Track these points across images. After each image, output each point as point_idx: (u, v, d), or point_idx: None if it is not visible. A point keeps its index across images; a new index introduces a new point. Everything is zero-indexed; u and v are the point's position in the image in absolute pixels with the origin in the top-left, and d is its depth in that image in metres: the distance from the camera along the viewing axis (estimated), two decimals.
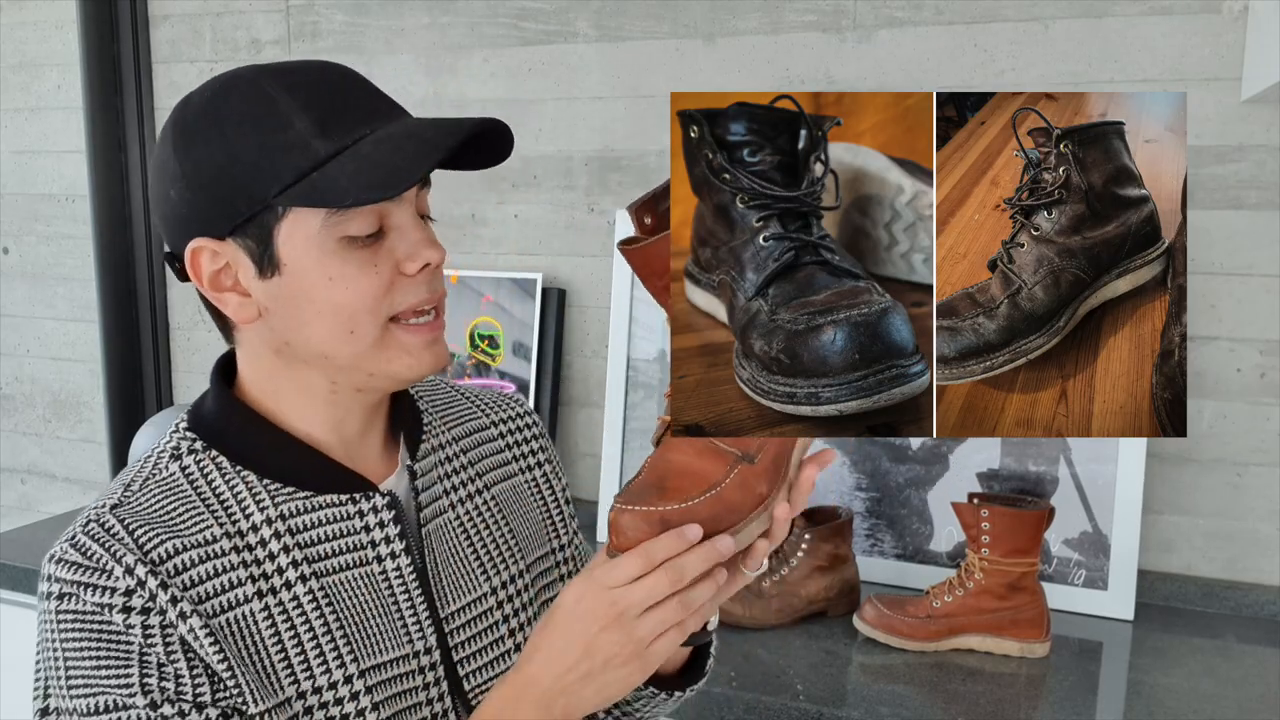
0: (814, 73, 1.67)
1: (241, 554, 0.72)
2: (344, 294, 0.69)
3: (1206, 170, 1.49)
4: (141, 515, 0.71)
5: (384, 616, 0.76)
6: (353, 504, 0.76)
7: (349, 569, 0.75)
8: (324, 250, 0.68)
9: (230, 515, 0.73)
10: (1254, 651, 1.39)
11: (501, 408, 0.93)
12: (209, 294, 0.72)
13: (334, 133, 0.67)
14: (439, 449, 0.85)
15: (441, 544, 0.81)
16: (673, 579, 0.65)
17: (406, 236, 0.70)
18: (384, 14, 1.93)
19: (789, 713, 1.22)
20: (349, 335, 0.70)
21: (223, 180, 0.68)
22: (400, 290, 0.71)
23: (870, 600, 1.42)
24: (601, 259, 1.83)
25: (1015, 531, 1.36)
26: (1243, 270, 1.49)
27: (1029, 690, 1.27)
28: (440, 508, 0.82)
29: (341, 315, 0.69)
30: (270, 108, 0.67)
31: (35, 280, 2.33)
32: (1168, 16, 1.48)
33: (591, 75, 1.80)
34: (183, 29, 2.11)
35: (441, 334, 0.74)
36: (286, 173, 0.66)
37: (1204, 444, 1.53)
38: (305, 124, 0.67)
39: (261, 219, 0.68)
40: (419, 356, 0.72)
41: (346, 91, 0.70)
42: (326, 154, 0.66)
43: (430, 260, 0.70)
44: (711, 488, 0.68)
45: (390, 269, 0.70)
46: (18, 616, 1.73)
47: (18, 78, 2.27)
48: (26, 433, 2.41)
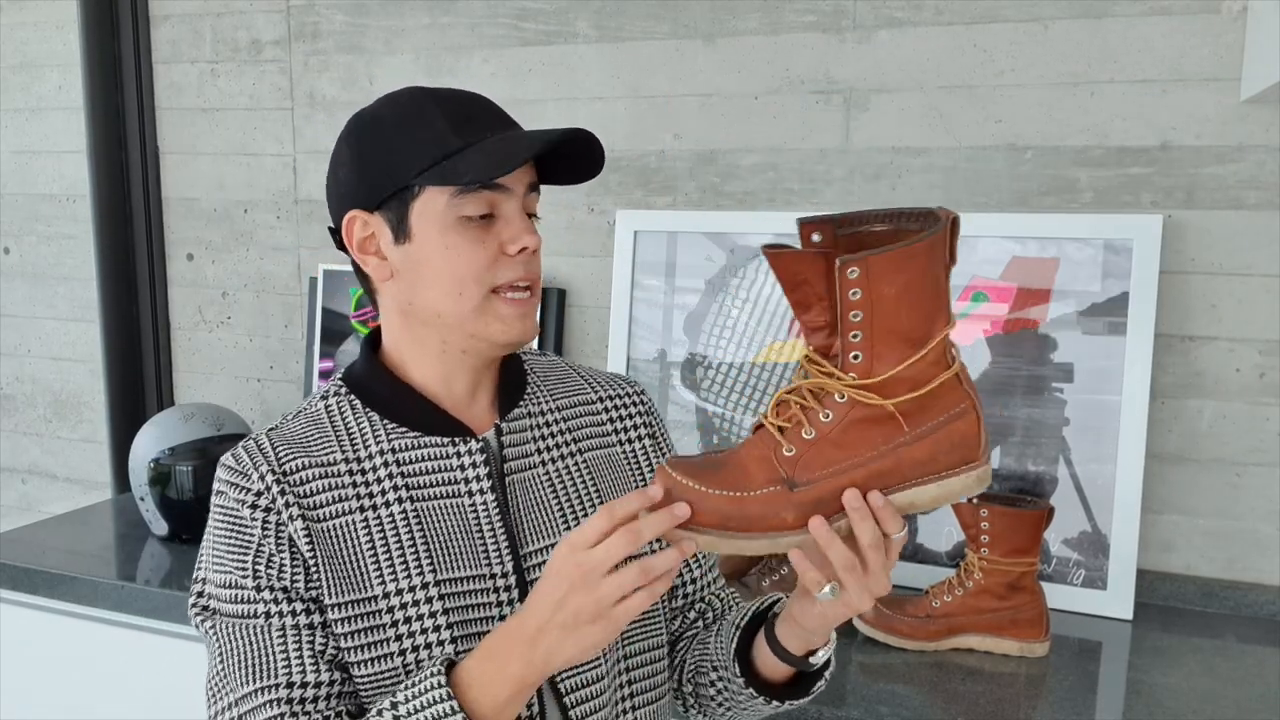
0: (814, 73, 1.67)
1: (354, 476, 0.88)
2: (456, 261, 0.85)
3: (1206, 170, 1.49)
4: (286, 437, 0.90)
5: (466, 539, 0.89)
6: (452, 446, 0.91)
7: (441, 498, 0.89)
8: (445, 225, 0.84)
9: (354, 444, 0.90)
10: (1253, 651, 1.39)
11: (612, 386, 1.05)
12: (356, 255, 0.89)
13: (465, 133, 0.84)
14: (536, 414, 0.97)
15: (526, 491, 0.93)
16: (629, 540, 0.72)
17: (511, 224, 0.86)
18: (384, 14, 1.94)
19: (789, 712, 1.22)
20: (458, 296, 0.86)
21: (378, 164, 0.85)
22: (502, 266, 0.86)
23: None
24: (601, 259, 1.84)
25: (1015, 531, 1.36)
26: (1243, 270, 1.49)
27: (1028, 690, 1.27)
28: (529, 463, 0.94)
29: (453, 279, 0.85)
30: (420, 113, 0.85)
31: (36, 280, 2.34)
32: (1167, 16, 1.48)
33: (591, 75, 1.80)
34: (183, 29, 2.11)
35: (534, 309, 0.89)
36: (425, 159, 0.84)
37: (1203, 444, 1.53)
38: (444, 125, 0.84)
39: (401, 195, 0.85)
40: (511, 324, 0.87)
41: (481, 107, 0.87)
42: (457, 147, 0.84)
43: (528, 245, 0.86)
44: (740, 490, 0.71)
45: (495, 248, 0.86)
46: (18, 616, 1.73)
47: (18, 78, 2.27)
48: (27, 432, 2.41)
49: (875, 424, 0.73)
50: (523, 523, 0.92)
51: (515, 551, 0.90)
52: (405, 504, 0.88)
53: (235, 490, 0.86)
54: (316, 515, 0.86)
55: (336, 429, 0.90)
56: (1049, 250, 1.54)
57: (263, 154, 2.09)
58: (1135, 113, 1.52)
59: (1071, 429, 1.53)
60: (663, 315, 1.76)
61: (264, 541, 0.85)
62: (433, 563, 0.87)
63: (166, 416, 1.84)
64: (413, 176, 0.84)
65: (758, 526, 0.71)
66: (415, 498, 0.89)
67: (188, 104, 2.14)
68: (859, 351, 0.72)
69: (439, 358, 0.91)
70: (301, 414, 0.93)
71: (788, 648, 0.90)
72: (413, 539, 0.87)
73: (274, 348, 2.15)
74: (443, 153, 0.83)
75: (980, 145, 1.60)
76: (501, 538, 0.90)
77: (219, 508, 0.88)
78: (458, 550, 0.88)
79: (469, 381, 0.93)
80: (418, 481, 0.89)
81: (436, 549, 0.87)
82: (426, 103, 0.86)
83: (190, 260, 2.19)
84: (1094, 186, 1.55)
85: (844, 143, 1.67)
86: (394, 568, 0.86)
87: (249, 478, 0.86)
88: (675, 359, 1.76)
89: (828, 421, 0.73)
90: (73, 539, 1.82)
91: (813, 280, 0.72)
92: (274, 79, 2.05)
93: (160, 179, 2.18)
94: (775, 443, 0.74)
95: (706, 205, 1.76)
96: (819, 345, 0.74)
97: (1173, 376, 1.54)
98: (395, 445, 0.90)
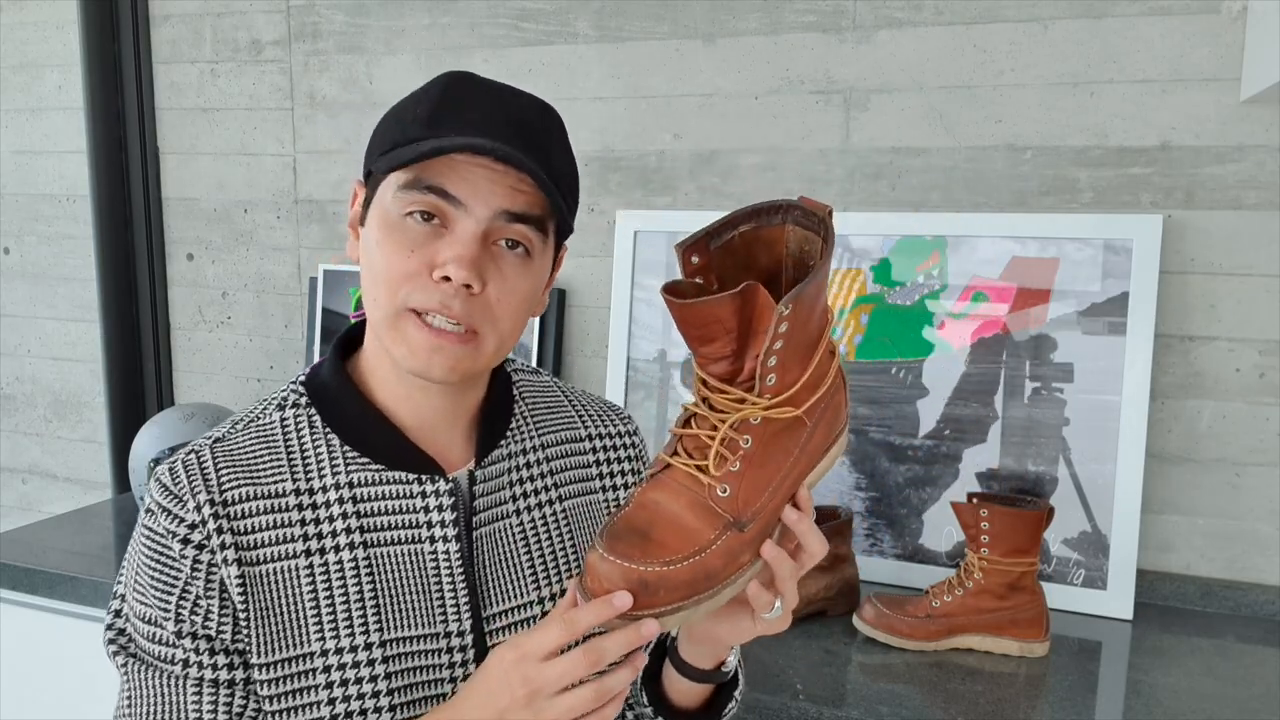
0: (814, 73, 1.67)
1: (304, 512, 0.78)
2: (379, 261, 0.76)
3: (1206, 170, 1.49)
4: (233, 456, 0.79)
5: (422, 593, 0.79)
6: (418, 484, 0.80)
7: (400, 544, 0.79)
8: (386, 218, 0.76)
9: (306, 473, 0.79)
10: (1253, 651, 1.39)
11: (603, 422, 0.94)
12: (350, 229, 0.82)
13: (437, 125, 0.74)
14: (518, 454, 0.87)
15: (495, 546, 0.83)
16: (591, 661, 0.65)
17: (452, 245, 0.74)
18: (384, 14, 1.94)
19: (789, 712, 1.22)
20: (372, 301, 0.77)
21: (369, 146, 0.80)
22: (418, 287, 0.75)
23: (870, 600, 1.42)
24: (601, 259, 1.84)
25: (1015, 531, 1.36)
26: (1243, 270, 1.49)
27: (1028, 690, 1.27)
28: (501, 512, 0.84)
29: (372, 279, 0.76)
30: (415, 100, 0.77)
31: (36, 280, 2.34)
32: (1167, 17, 1.48)
33: (591, 75, 1.80)
34: (183, 29, 2.11)
35: (455, 350, 0.75)
36: (388, 143, 0.76)
37: (1203, 444, 1.53)
38: (423, 114, 0.75)
39: (375, 179, 0.78)
40: (416, 354, 0.75)
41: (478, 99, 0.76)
42: (415, 136, 0.74)
43: (450, 275, 0.73)
44: (697, 552, 0.66)
45: (423, 263, 0.74)
46: (18, 616, 1.73)
47: (18, 78, 2.27)
48: (27, 433, 2.41)
49: (786, 431, 0.71)
50: (487, 579, 0.82)
51: (476, 610, 0.81)
52: (358, 550, 0.78)
53: (167, 517, 0.76)
54: (255, 557, 0.76)
55: (290, 451, 0.79)
56: (1049, 250, 1.54)
57: (263, 154, 2.09)
58: (1135, 113, 1.52)
59: (1071, 429, 1.53)
60: (663, 315, 1.76)
61: (191, 582, 0.75)
62: (380, 620, 0.77)
63: (166, 416, 1.84)
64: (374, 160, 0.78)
65: (721, 578, 0.68)
66: (370, 542, 0.78)
67: (188, 104, 2.14)
68: (774, 374, 0.69)
69: (400, 377, 0.80)
70: (253, 425, 0.81)
71: (699, 666, 0.86)
72: (360, 591, 0.77)
73: (274, 348, 2.15)
74: (403, 139, 0.75)
75: (980, 145, 1.60)
76: (462, 593, 0.80)
77: (148, 530, 0.77)
78: (411, 605, 0.79)
79: (439, 408, 0.82)
80: (375, 523, 0.79)
81: (386, 603, 0.78)
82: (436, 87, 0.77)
83: (190, 260, 2.19)
84: (1094, 186, 1.55)
85: (844, 143, 1.67)
86: (336, 623, 0.76)
87: (184, 505, 0.75)
88: (675, 359, 1.76)
89: (749, 447, 0.69)
90: (73, 539, 1.82)
91: (725, 319, 0.68)
92: (274, 79, 2.05)
93: (160, 179, 2.18)
94: (704, 486, 0.69)
95: (706, 205, 1.76)
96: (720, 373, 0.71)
97: (1172, 376, 1.54)
98: (354, 479, 0.79)
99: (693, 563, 0.66)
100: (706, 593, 0.68)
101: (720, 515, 0.68)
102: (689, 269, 0.71)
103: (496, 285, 0.76)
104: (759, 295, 0.67)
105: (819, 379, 0.72)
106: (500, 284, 0.76)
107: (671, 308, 0.69)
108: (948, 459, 1.59)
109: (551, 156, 0.78)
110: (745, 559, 0.69)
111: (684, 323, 0.70)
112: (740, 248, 0.72)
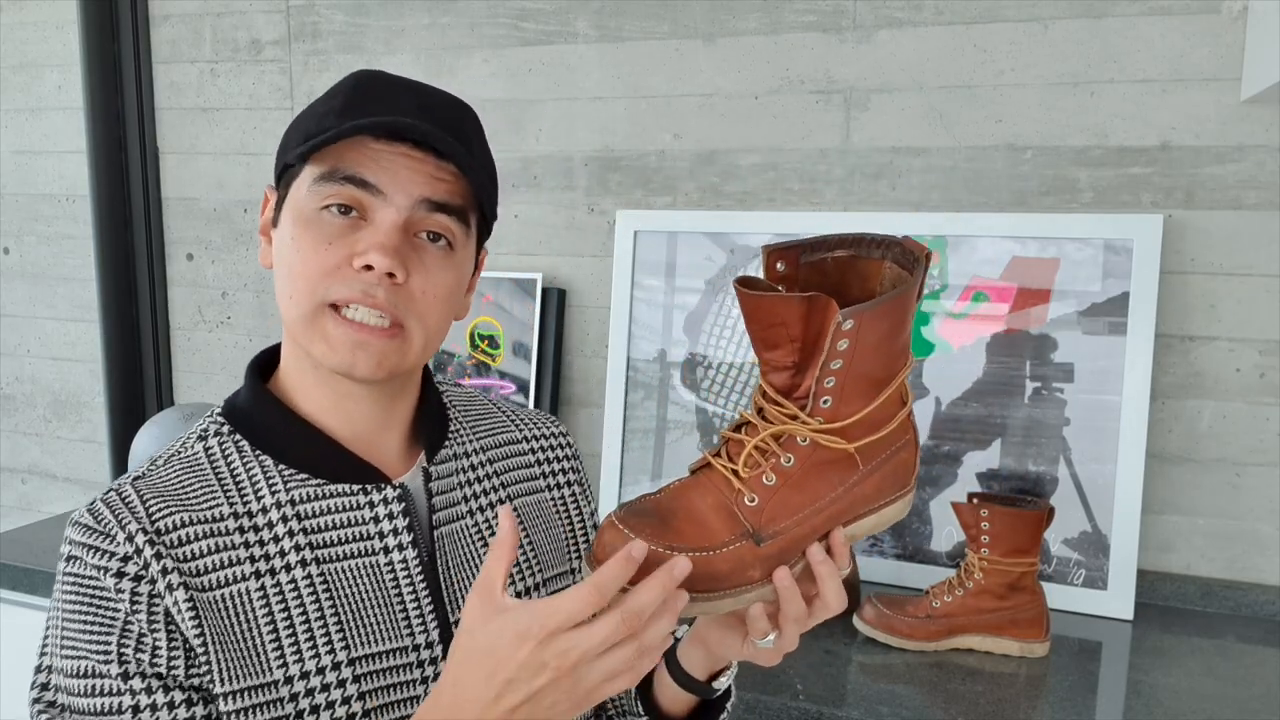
0: (814, 73, 1.67)
1: (246, 534, 0.73)
2: (294, 258, 0.73)
3: (1206, 170, 1.49)
4: (158, 488, 0.73)
5: (385, 607, 0.76)
6: (364, 494, 0.77)
7: (354, 558, 0.76)
8: (301, 214, 0.73)
9: (242, 495, 0.74)
10: (1253, 651, 1.39)
11: (536, 425, 0.93)
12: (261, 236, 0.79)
13: (352, 113, 0.72)
14: (462, 456, 0.85)
15: (456, 548, 0.81)
16: (630, 624, 0.61)
17: (373, 234, 0.72)
18: (384, 14, 1.94)
19: (789, 712, 1.22)
20: (288, 299, 0.74)
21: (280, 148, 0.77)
22: (340, 279, 0.72)
23: (870, 600, 1.42)
24: (601, 259, 1.84)
25: (1015, 531, 1.36)
26: (1242, 270, 1.49)
27: (1029, 690, 1.27)
28: (457, 513, 0.82)
29: (289, 277, 0.73)
30: (328, 96, 0.75)
31: (36, 280, 2.34)
32: (1167, 17, 1.48)
33: (591, 75, 1.80)
34: (183, 29, 2.11)
35: (380, 343, 0.73)
36: (301, 137, 0.73)
37: (1203, 444, 1.53)
38: (341, 102, 0.73)
39: (286, 176, 0.75)
40: (337, 349, 0.73)
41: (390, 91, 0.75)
42: (331, 125, 0.72)
43: (372, 262, 0.71)
44: (706, 549, 0.65)
45: (342, 255, 0.72)
46: (18, 616, 1.73)
47: (18, 78, 2.27)
48: (27, 433, 2.41)
49: (834, 465, 0.69)
50: (453, 582, 0.79)
51: (442, 618, 0.78)
52: (309, 566, 0.74)
53: (94, 555, 0.69)
54: (202, 584, 0.70)
55: (220, 476, 0.75)
56: (1049, 250, 1.54)
57: (263, 154, 2.09)
58: (1135, 113, 1.52)
59: (1071, 429, 1.53)
60: (663, 315, 1.76)
61: (133, 618, 0.68)
62: (344, 637, 0.74)
63: (166, 416, 1.84)
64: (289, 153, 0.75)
65: (724, 585, 0.67)
66: (321, 559, 0.75)
67: (187, 104, 2.14)
68: (830, 397, 0.68)
69: (325, 385, 0.77)
70: (174, 459, 0.76)
71: (691, 672, 0.85)
72: (320, 609, 0.73)
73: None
74: (318, 129, 0.72)
75: (980, 145, 1.60)
76: (425, 602, 0.77)
77: (70, 578, 0.70)
78: (374, 620, 0.75)
79: (371, 415, 0.79)
80: (323, 539, 0.75)
81: (348, 619, 0.74)
82: (347, 82, 0.76)
83: (190, 260, 2.19)
84: (1094, 186, 1.55)
85: (844, 143, 1.67)
86: (298, 645, 0.72)
87: (112, 539, 0.69)
88: (675, 359, 1.76)
89: (789, 466, 0.68)
90: None
91: (790, 323, 0.68)
92: (274, 79, 2.05)
93: (160, 179, 2.18)
94: (734, 490, 0.68)
95: (706, 205, 1.76)
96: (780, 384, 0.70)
97: (1173, 376, 1.54)
98: (294, 495, 0.75)
99: (698, 557, 0.65)
100: (705, 594, 0.66)
101: (741, 522, 0.67)
102: (772, 274, 0.71)
103: (420, 277, 0.73)
104: (830, 309, 0.66)
105: (881, 421, 0.70)
106: (424, 276, 0.74)
107: (741, 299, 0.68)
108: (948, 459, 1.59)
109: (472, 146, 0.76)
110: (755, 575, 0.68)
111: (750, 318, 0.69)
112: (833, 271, 0.71)
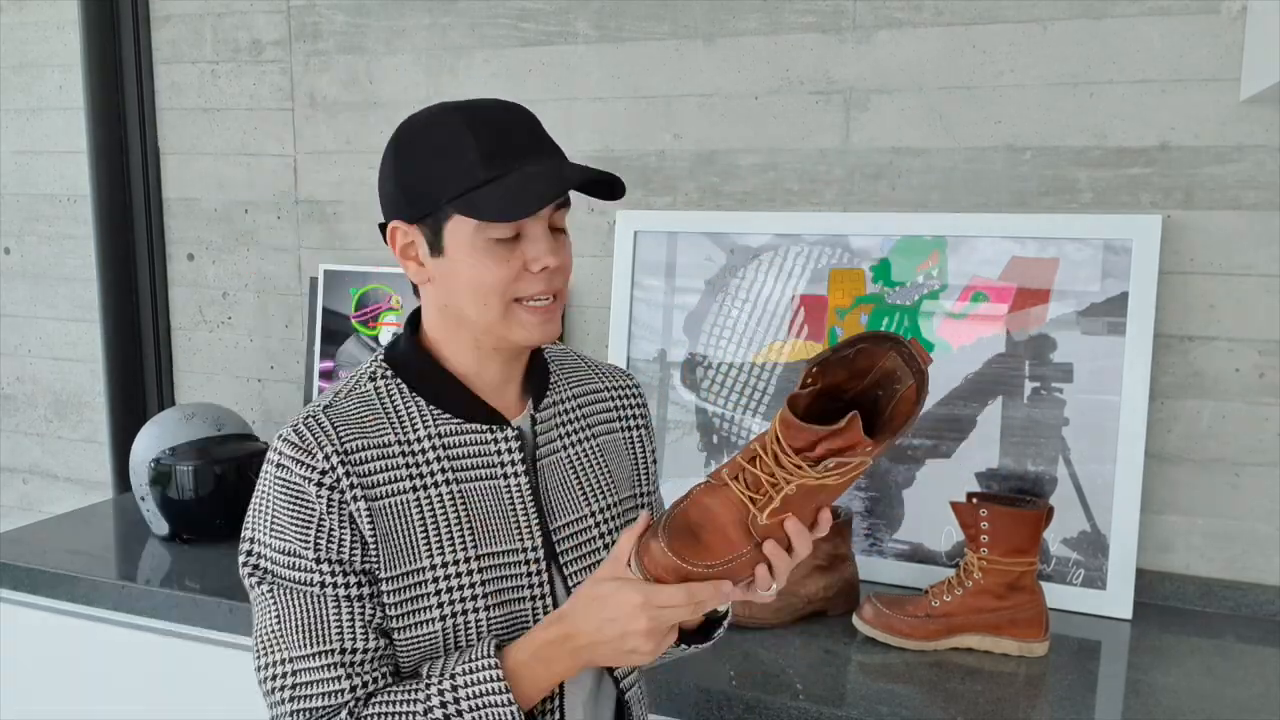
0: (814, 73, 1.67)
1: (406, 457, 0.98)
2: (482, 276, 0.95)
3: (1206, 170, 1.50)
4: (344, 417, 0.97)
5: (503, 518, 1.00)
6: (490, 433, 1.02)
7: (482, 479, 1.00)
8: (474, 246, 0.94)
9: (404, 427, 0.99)
10: (1253, 651, 1.39)
11: (614, 377, 1.17)
12: (399, 259, 1.00)
13: (494, 163, 0.93)
14: (560, 403, 1.09)
15: (553, 473, 1.05)
16: (696, 604, 0.89)
17: (536, 243, 0.95)
18: (384, 14, 1.94)
19: (789, 712, 1.22)
20: (483, 306, 0.96)
21: (417, 186, 0.96)
22: (524, 281, 0.96)
23: (869, 599, 1.42)
24: (601, 259, 1.84)
25: (1014, 531, 1.36)
26: (1242, 270, 1.49)
27: (1028, 689, 1.27)
28: (555, 447, 1.06)
29: (479, 291, 0.95)
30: (455, 140, 0.94)
31: (37, 280, 2.34)
32: (1167, 17, 1.48)
33: (591, 76, 1.80)
34: (184, 29, 2.11)
35: (556, 314, 0.99)
36: (455, 189, 0.93)
37: (1203, 444, 1.53)
38: (475, 157, 0.93)
39: (435, 216, 0.95)
40: (532, 330, 0.98)
41: (513, 131, 0.97)
42: (484, 179, 0.93)
43: (548, 264, 0.95)
44: (730, 560, 0.88)
45: (519, 265, 0.95)
46: (18, 616, 1.73)
47: (19, 78, 2.28)
48: (28, 433, 2.41)
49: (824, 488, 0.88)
50: (550, 502, 1.04)
51: (545, 527, 1.02)
52: (452, 485, 0.99)
53: (300, 466, 0.94)
54: (374, 494, 0.95)
55: (388, 412, 0.99)
56: (1048, 250, 1.54)
57: (263, 154, 2.09)
58: (1135, 113, 1.52)
59: (1071, 429, 1.53)
60: (663, 315, 1.77)
61: (326, 517, 0.93)
62: (475, 538, 0.98)
63: (167, 416, 1.84)
64: (444, 203, 0.94)
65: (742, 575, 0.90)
66: (460, 479, 0.99)
67: (188, 104, 2.14)
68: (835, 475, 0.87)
69: (473, 350, 1.01)
70: (352, 393, 1.01)
71: None
72: (458, 517, 0.98)
73: (274, 348, 2.15)
74: (471, 184, 0.93)
75: (979, 146, 1.60)
76: (533, 516, 1.02)
77: (281, 480, 0.95)
78: (495, 527, 0.99)
79: (500, 372, 1.03)
80: (461, 465, 1.00)
81: (477, 526, 0.99)
82: (462, 130, 0.94)
83: (191, 260, 2.20)
84: (1093, 187, 1.55)
85: (844, 143, 1.67)
86: (440, 543, 0.97)
87: (314, 455, 0.94)
88: (675, 359, 1.76)
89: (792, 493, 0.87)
90: (73, 539, 1.83)
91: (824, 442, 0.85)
92: (274, 79, 2.05)
93: (161, 179, 2.19)
94: (748, 511, 0.88)
95: (706, 205, 1.76)
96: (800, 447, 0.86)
97: (1172, 376, 1.54)
98: (441, 430, 1.00)
99: (725, 568, 0.88)
100: None
101: (752, 535, 0.89)
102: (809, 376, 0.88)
103: (561, 257, 0.98)
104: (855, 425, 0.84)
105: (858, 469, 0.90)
106: (562, 255, 0.99)
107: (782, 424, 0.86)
108: (948, 459, 1.59)
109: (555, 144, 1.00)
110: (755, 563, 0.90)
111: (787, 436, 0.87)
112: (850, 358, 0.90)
